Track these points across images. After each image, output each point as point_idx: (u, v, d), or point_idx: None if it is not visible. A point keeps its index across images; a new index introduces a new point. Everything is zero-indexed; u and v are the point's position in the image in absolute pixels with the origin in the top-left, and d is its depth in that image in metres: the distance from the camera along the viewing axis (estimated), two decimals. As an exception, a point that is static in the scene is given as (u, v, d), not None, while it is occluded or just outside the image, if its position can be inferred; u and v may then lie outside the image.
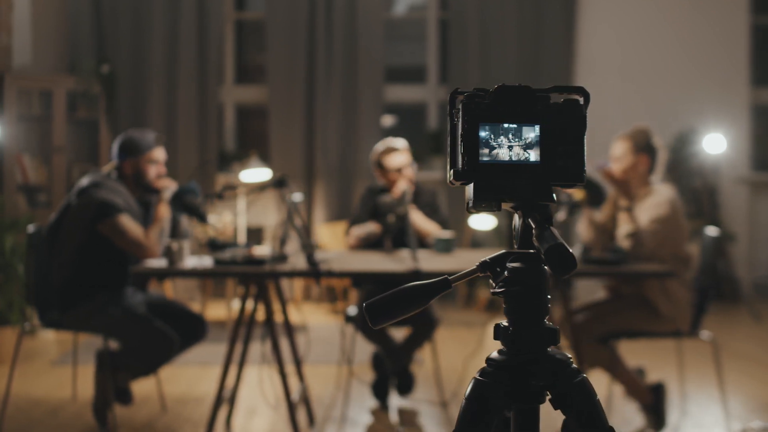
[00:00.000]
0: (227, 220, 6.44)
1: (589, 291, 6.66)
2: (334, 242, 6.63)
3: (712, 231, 3.82)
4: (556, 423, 1.07)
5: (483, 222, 6.25)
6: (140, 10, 7.18)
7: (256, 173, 6.13)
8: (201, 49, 7.24)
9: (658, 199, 3.64)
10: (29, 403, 4.08)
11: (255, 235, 6.95)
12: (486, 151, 1.03)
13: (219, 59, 7.38)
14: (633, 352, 4.86)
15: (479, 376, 1.03)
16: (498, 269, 1.03)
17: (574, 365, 1.03)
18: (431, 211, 4.24)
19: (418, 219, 4.12)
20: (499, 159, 1.04)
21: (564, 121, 1.05)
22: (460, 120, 1.04)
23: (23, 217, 5.42)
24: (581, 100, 1.07)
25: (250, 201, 5.03)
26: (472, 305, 7.05)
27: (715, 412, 3.94)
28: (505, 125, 1.04)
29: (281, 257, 3.43)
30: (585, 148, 1.06)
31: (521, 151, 1.04)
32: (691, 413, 3.94)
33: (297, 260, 3.51)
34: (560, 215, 3.67)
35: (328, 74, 7.28)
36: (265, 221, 7.16)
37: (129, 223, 3.54)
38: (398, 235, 4.11)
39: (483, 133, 1.03)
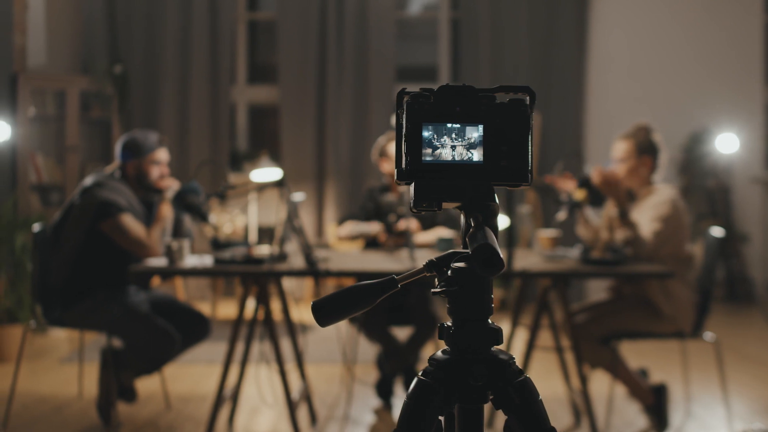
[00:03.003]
0: (237, 219, 6.47)
1: (599, 292, 6.63)
2: (344, 241, 6.63)
3: (716, 231, 3.79)
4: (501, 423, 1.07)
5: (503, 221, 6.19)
6: (153, 11, 7.22)
7: (267, 173, 6.14)
8: (213, 49, 7.28)
9: (659, 198, 3.62)
10: (35, 400, 4.12)
11: (266, 234, 6.97)
12: (429, 150, 1.03)
13: (231, 59, 7.42)
14: (638, 353, 4.84)
15: (421, 375, 1.03)
16: (444, 269, 1.03)
17: (517, 365, 1.03)
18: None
19: (418, 235, 4.13)
20: (441, 159, 1.04)
21: (509, 121, 1.05)
22: (404, 120, 1.04)
23: (35, 215, 5.48)
24: (527, 99, 1.06)
25: (251, 200, 5.05)
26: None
27: (720, 414, 3.91)
28: (449, 125, 1.04)
29: (281, 256, 3.45)
30: (531, 147, 1.06)
31: (464, 151, 1.04)
32: (695, 414, 3.91)
33: (296, 260, 3.52)
34: (561, 215, 3.66)
35: (340, 74, 7.29)
36: (276, 220, 7.19)
37: (131, 223, 3.57)
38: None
39: (426, 133, 1.03)
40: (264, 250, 3.64)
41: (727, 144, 6.65)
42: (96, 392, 3.82)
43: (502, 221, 3.47)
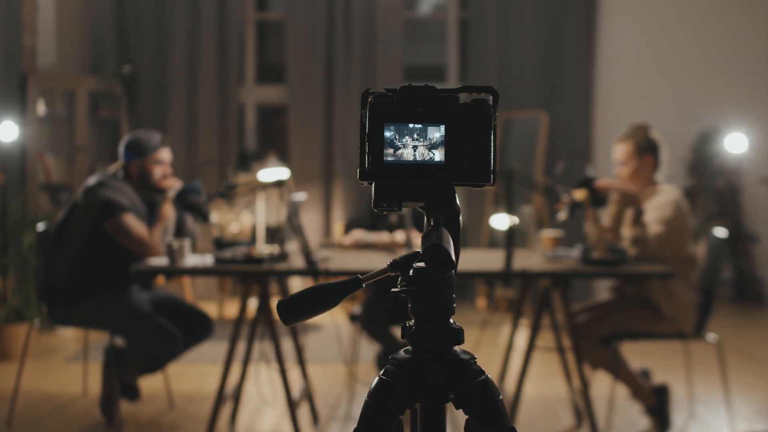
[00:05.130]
0: (244, 218, 6.49)
1: (605, 292, 6.60)
2: (348, 249, 6.63)
3: (719, 232, 3.77)
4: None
5: (502, 222, 6.18)
6: (162, 12, 7.25)
7: (274, 172, 6.15)
8: (221, 49, 7.30)
9: (662, 199, 3.61)
10: (40, 398, 4.15)
11: (273, 233, 6.98)
12: (390, 151, 1.04)
13: (240, 59, 7.44)
14: (641, 354, 4.82)
15: (382, 374, 1.03)
16: (408, 268, 1.04)
17: (478, 365, 1.03)
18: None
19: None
20: (403, 159, 1.04)
21: (471, 121, 1.05)
22: (367, 120, 1.04)
23: (43, 215, 5.52)
24: (490, 99, 1.06)
25: (259, 200, 5.07)
26: (493, 306, 7.00)
27: (723, 415, 3.89)
28: (410, 125, 1.04)
29: (281, 256, 3.46)
30: (493, 147, 1.06)
31: (426, 151, 1.04)
32: (697, 416, 3.89)
33: (297, 259, 3.53)
34: (561, 215, 3.65)
35: (347, 74, 7.30)
36: (279, 220, 7.19)
37: (133, 222, 3.59)
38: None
39: (388, 133, 1.03)
40: (264, 249, 3.65)
41: (735, 144, 6.62)
42: (99, 391, 3.85)
43: (510, 221, 3.48)
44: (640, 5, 7.39)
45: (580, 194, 3.56)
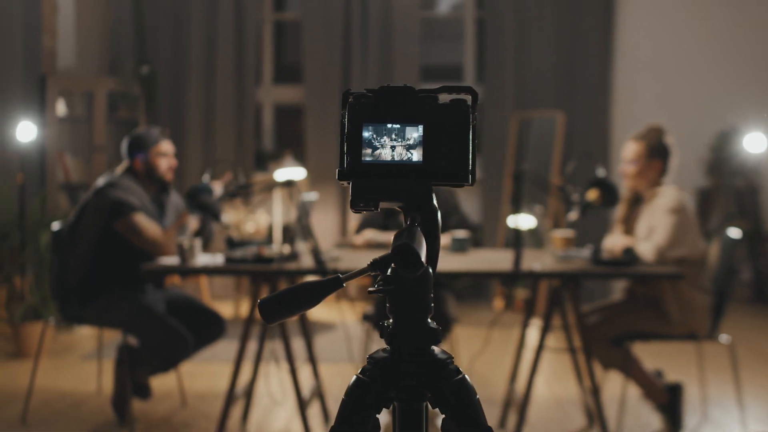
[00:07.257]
0: (261, 218, 6.52)
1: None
2: (359, 249, 6.64)
3: (733, 233, 3.74)
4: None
5: (521, 221, 6.14)
6: (180, 13, 7.30)
7: (290, 172, 6.18)
8: (239, 49, 7.34)
9: (664, 201, 3.57)
10: (55, 396, 4.19)
11: (288, 233, 6.99)
12: (369, 151, 1.04)
13: (257, 59, 7.47)
14: (654, 355, 4.79)
15: (359, 373, 1.04)
16: (387, 268, 1.04)
17: (455, 365, 1.03)
18: (448, 212, 4.23)
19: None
20: (381, 159, 1.05)
21: (449, 121, 1.05)
22: (346, 120, 1.05)
23: (61, 214, 5.58)
24: (469, 99, 1.07)
25: (261, 200, 5.09)
26: (510, 307, 6.98)
27: (736, 417, 3.86)
28: (389, 125, 1.05)
29: (291, 256, 3.47)
30: (472, 147, 1.06)
31: (404, 151, 1.05)
32: (710, 417, 3.86)
33: (306, 259, 3.54)
34: (572, 215, 3.63)
35: (364, 74, 7.31)
36: (290, 220, 7.20)
37: (144, 221, 3.62)
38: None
39: (366, 134, 1.04)
40: (274, 249, 3.67)
41: (755, 143, 6.55)
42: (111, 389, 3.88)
43: (518, 221, 3.48)
44: (659, 5, 7.34)
45: (591, 194, 3.54)
